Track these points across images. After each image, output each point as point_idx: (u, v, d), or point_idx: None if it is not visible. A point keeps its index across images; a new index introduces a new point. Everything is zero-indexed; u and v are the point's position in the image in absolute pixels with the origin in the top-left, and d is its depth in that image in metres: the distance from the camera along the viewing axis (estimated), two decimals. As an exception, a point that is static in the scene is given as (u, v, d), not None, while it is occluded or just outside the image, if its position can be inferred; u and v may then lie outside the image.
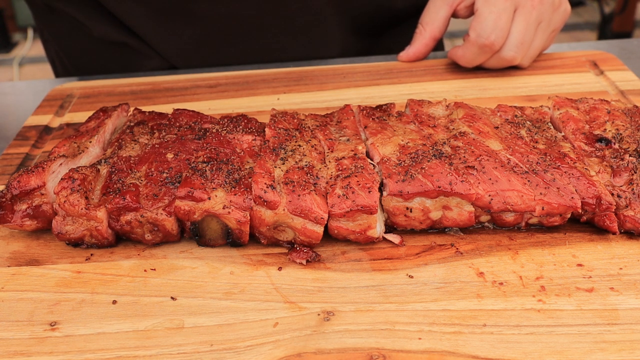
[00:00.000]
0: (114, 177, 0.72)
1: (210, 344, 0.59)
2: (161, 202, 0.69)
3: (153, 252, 0.71)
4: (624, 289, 0.63)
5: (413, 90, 1.03)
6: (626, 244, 0.69)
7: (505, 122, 0.80)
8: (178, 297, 0.64)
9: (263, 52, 1.18)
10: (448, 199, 0.69)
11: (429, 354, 0.57)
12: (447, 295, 0.63)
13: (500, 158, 0.72)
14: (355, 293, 0.64)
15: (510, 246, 0.69)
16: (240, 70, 1.12)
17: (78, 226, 0.70)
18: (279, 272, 0.67)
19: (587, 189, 0.69)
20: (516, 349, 0.57)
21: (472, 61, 1.03)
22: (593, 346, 0.57)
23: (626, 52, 1.15)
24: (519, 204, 0.68)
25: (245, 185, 0.70)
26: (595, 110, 0.82)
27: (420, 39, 1.09)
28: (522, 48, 0.99)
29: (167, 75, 1.11)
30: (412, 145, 0.74)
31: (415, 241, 0.71)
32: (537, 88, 1.01)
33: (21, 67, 4.24)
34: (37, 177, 0.72)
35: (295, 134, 0.78)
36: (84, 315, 0.63)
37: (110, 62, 1.22)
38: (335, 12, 1.17)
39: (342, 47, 1.21)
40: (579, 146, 0.76)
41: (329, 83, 1.06)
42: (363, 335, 0.59)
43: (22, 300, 0.65)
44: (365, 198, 0.67)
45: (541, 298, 0.62)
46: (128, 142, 0.79)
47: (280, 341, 0.59)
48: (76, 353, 0.59)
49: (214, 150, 0.75)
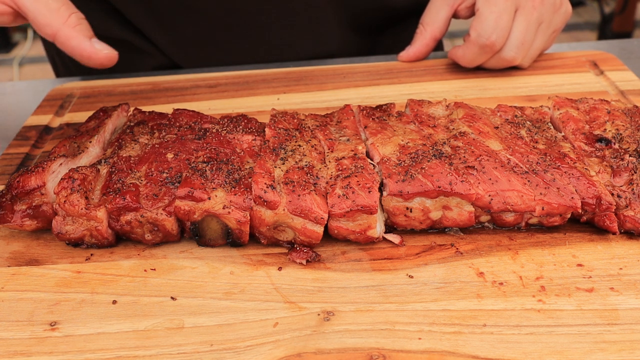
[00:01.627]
0: (114, 177, 0.72)
1: (210, 344, 0.59)
2: (161, 202, 0.69)
3: (153, 252, 0.71)
4: (624, 289, 0.63)
5: (413, 90, 1.03)
6: (626, 244, 0.69)
7: (505, 122, 0.80)
8: (178, 297, 0.65)
9: (265, 49, 1.18)
10: (448, 199, 0.69)
11: (429, 354, 0.57)
12: (447, 295, 0.63)
13: (500, 158, 0.72)
14: (355, 293, 0.64)
15: (510, 246, 0.69)
16: (240, 70, 1.12)
17: (78, 226, 0.70)
18: (279, 272, 0.67)
19: (587, 189, 0.69)
20: (516, 349, 0.57)
21: (472, 61, 1.03)
22: (593, 346, 0.57)
23: (626, 52, 1.15)
24: (519, 204, 0.68)
25: (245, 185, 0.70)
26: (595, 110, 0.82)
27: (420, 39, 1.09)
28: (522, 49, 0.99)
29: (167, 75, 1.11)
30: (412, 145, 0.74)
31: (415, 241, 0.71)
32: (537, 88, 1.01)
33: (21, 67, 4.24)
34: (37, 177, 0.72)
35: (295, 134, 0.78)
36: (84, 315, 0.63)
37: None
38: (337, 10, 1.17)
39: (342, 45, 1.21)
40: (579, 146, 0.76)
41: (329, 83, 1.06)
42: (363, 335, 0.59)
43: (22, 300, 0.65)
44: (365, 198, 0.67)
45: (541, 298, 0.62)
46: (128, 142, 0.79)
47: (280, 341, 0.59)
48: (76, 353, 0.59)
49: (214, 150, 0.75)
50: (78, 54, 0.82)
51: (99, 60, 0.83)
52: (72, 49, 0.82)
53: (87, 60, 0.83)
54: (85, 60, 0.83)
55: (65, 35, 0.80)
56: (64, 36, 0.81)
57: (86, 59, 0.83)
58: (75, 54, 0.82)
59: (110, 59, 0.84)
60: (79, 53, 0.82)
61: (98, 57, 0.83)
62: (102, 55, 0.83)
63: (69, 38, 0.81)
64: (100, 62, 0.83)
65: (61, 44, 0.82)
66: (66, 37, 0.81)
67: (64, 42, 0.81)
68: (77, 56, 0.83)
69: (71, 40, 0.81)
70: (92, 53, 0.82)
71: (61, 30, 0.80)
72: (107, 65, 0.84)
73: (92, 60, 0.83)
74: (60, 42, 0.82)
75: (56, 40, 0.82)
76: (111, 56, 0.84)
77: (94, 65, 0.84)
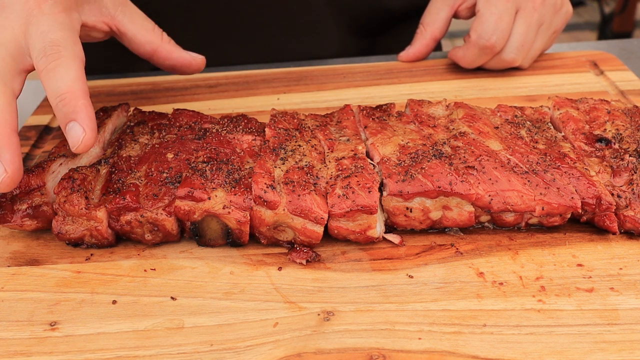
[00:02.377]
0: (114, 177, 0.72)
1: (210, 344, 0.59)
2: (161, 202, 0.69)
3: (153, 252, 0.71)
4: (624, 289, 0.63)
5: (413, 90, 1.03)
6: (626, 244, 0.69)
7: (505, 122, 0.80)
8: (178, 297, 0.65)
9: (263, 52, 1.18)
10: (448, 199, 0.69)
11: (429, 354, 0.57)
12: (447, 295, 0.63)
13: (500, 158, 0.72)
14: (355, 293, 0.64)
15: (510, 246, 0.69)
16: (240, 70, 1.12)
17: (78, 226, 0.70)
18: (279, 272, 0.67)
19: (587, 189, 0.69)
20: (516, 349, 0.57)
21: (472, 62, 1.03)
22: (593, 346, 0.57)
23: (626, 52, 1.15)
24: (519, 204, 0.68)
25: (245, 185, 0.70)
26: (595, 110, 0.82)
27: (420, 40, 1.09)
28: (523, 50, 0.99)
29: (167, 75, 1.11)
30: (412, 145, 0.74)
31: (415, 241, 0.71)
32: (537, 88, 1.01)
33: (21, 67, 4.23)
34: (37, 177, 0.72)
35: (295, 134, 0.78)
36: (84, 315, 0.63)
37: (111, 61, 1.22)
38: (335, 12, 1.17)
39: (340, 47, 1.21)
40: (579, 146, 0.77)
41: (329, 83, 1.06)
42: (363, 335, 0.59)
43: (22, 300, 0.65)
44: (365, 198, 0.67)
45: (541, 298, 0.62)
46: (128, 142, 0.79)
47: (280, 341, 0.59)
48: (76, 353, 0.59)
49: (214, 150, 0.75)
50: (179, 64, 0.91)
51: (197, 65, 0.92)
52: (174, 61, 0.90)
53: (186, 69, 0.92)
54: (185, 68, 0.92)
55: (166, 50, 0.89)
56: (165, 51, 0.89)
57: (186, 68, 0.92)
58: (177, 64, 0.91)
59: (204, 61, 0.93)
60: (181, 63, 0.91)
61: (197, 62, 0.92)
62: (199, 60, 0.92)
63: (170, 52, 0.90)
64: (198, 67, 0.93)
65: (163, 59, 0.90)
66: (167, 51, 0.89)
67: (166, 57, 0.90)
68: (178, 66, 0.91)
69: (172, 54, 0.90)
70: (191, 60, 0.91)
71: (161, 46, 0.89)
72: (202, 67, 0.93)
73: (192, 66, 0.92)
74: (161, 57, 0.90)
75: (156, 56, 0.89)
76: (204, 59, 0.93)
77: (192, 72, 0.93)
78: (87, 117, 0.68)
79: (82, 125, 0.67)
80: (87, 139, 0.67)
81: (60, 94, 0.68)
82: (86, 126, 0.67)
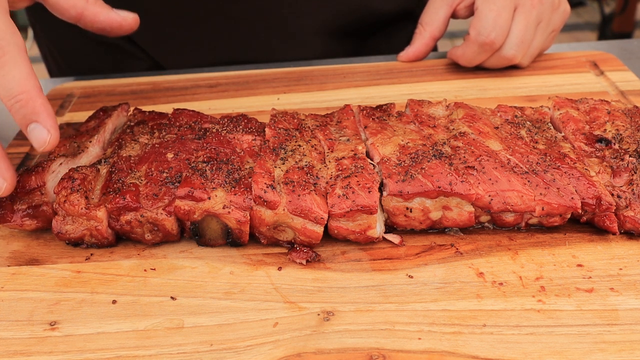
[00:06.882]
0: (114, 177, 0.72)
1: (210, 344, 0.59)
2: (161, 202, 0.69)
3: (153, 252, 0.71)
4: (623, 289, 0.63)
5: (413, 90, 1.03)
6: (626, 244, 0.69)
7: (505, 123, 0.80)
8: (178, 297, 0.65)
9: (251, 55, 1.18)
10: (448, 199, 0.69)
11: (429, 354, 0.57)
12: (447, 295, 0.63)
13: (500, 158, 0.72)
14: (355, 293, 0.64)
15: (510, 246, 0.69)
16: (240, 70, 1.12)
17: (78, 226, 0.70)
18: (279, 272, 0.67)
19: (587, 189, 0.69)
20: (516, 349, 0.57)
21: (472, 60, 1.03)
22: (593, 346, 0.57)
23: (626, 52, 1.15)
24: (519, 204, 0.68)
25: (245, 185, 0.70)
26: (596, 110, 0.82)
27: (420, 39, 1.09)
28: (522, 47, 0.99)
29: (167, 75, 1.11)
30: (412, 146, 0.74)
31: (415, 241, 0.71)
32: (537, 88, 1.01)
33: (21, 67, 4.23)
34: (37, 177, 0.72)
35: (295, 134, 0.78)
36: (83, 315, 0.63)
37: (102, 62, 1.22)
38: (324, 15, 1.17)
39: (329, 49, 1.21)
40: (579, 146, 0.77)
41: (329, 83, 1.06)
42: (363, 335, 0.59)
43: (22, 299, 0.65)
44: (365, 198, 0.67)
45: (541, 298, 0.62)
46: (128, 141, 0.79)
47: (280, 341, 0.59)
48: (76, 353, 0.59)
49: (214, 150, 0.75)
50: (108, 26, 0.84)
51: (129, 25, 0.85)
52: (102, 23, 0.83)
53: (118, 30, 0.85)
54: (116, 29, 0.84)
55: (92, 12, 0.82)
56: (91, 14, 0.82)
57: (117, 29, 0.84)
58: (106, 26, 0.84)
59: (137, 21, 0.86)
60: (109, 25, 0.83)
61: (128, 23, 0.85)
62: (131, 20, 0.85)
63: (96, 14, 0.82)
64: (131, 27, 0.85)
65: (90, 22, 0.83)
66: (94, 14, 0.82)
67: (93, 19, 0.82)
68: (108, 28, 0.84)
69: (99, 16, 0.82)
70: (122, 20, 0.84)
71: (87, 8, 0.82)
72: (135, 27, 0.86)
73: (123, 27, 0.85)
74: (88, 20, 0.83)
75: (83, 19, 0.83)
76: (136, 18, 0.86)
77: (124, 33, 0.85)
78: (48, 117, 0.66)
79: (45, 126, 0.66)
80: (53, 139, 0.67)
81: (14, 95, 0.65)
82: (50, 127, 0.66)
